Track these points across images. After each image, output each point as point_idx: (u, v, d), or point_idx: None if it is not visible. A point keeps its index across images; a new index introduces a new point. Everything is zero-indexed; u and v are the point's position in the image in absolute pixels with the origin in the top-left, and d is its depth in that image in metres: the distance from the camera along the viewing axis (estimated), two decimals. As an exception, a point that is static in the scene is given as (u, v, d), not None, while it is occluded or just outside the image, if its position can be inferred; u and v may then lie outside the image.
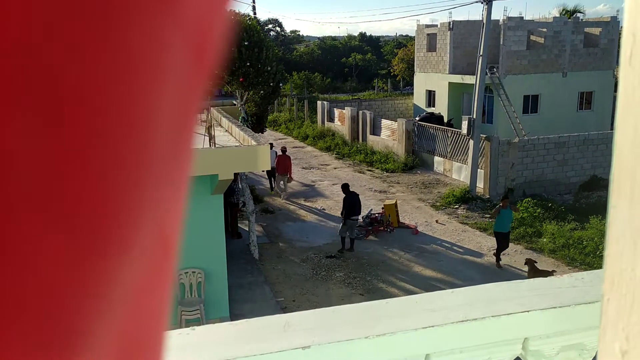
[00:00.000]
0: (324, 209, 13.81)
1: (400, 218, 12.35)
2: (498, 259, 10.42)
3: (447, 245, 11.42)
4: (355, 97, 30.26)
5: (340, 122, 22.61)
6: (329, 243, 11.25)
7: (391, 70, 37.78)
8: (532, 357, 1.20)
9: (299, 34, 59.01)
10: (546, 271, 9.14)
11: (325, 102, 24.87)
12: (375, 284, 9.61)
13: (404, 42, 46.13)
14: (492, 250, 11.15)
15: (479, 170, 14.61)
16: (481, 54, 14.25)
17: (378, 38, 56.60)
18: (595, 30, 21.32)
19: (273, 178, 15.00)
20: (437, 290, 1.29)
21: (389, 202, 12.47)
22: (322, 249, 11.07)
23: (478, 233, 12.04)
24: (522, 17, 20.37)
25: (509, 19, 19.77)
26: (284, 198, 14.57)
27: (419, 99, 24.18)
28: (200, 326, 1.07)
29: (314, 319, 1.09)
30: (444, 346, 1.11)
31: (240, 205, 11.87)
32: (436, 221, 12.76)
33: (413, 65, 25.44)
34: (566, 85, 20.62)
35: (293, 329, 1.04)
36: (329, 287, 9.46)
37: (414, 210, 13.54)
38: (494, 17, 15.71)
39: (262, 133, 14.32)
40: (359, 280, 9.74)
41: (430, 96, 23.41)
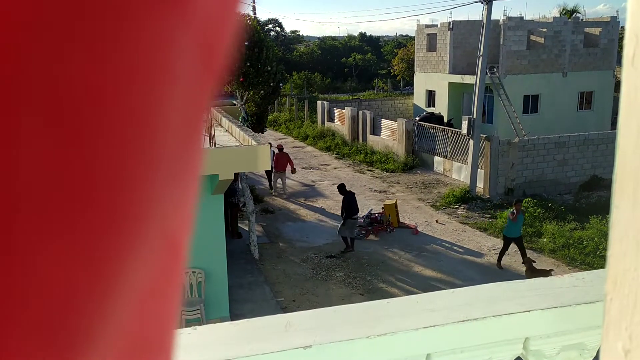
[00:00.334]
0: (323, 208, 13.82)
1: (400, 218, 12.35)
2: (500, 259, 10.40)
3: (447, 245, 11.42)
4: (355, 97, 30.26)
5: (340, 122, 22.61)
6: (329, 243, 11.25)
7: (391, 70, 37.78)
8: (533, 357, 1.20)
9: (299, 34, 59.02)
10: (544, 270, 9.14)
11: (325, 102, 24.87)
12: (376, 284, 9.61)
13: (404, 42, 46.14)
14: (492, 250, 11.15)
15: (479, 170, 14.61)
16: (481, 53, 14.25)
17: (378, 38, 56.62)
18: (595, 30, 21.32)
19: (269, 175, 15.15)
20: (438, 290, 1.29)
21: (389, 202, 12.47)
22: (322, 249, 11.07)
23: (478, 233, 12.04)
24: (522, 17, 20.37)
25: (509, 18, 19.77)
26: (285, 196, 14.64)
27: (419, 99, 24.18)
28: (201, 326, 1.07)
29: (315, 318, 1.09)
30: (445, 346, 1.11)
31: (240, 205, 11.87)
32: (436, 221, 12.76)
33: (413, 65, 25.44)
34: (566, 85, 20.62)
35: (294, 329, 1.04)
36: (329, 287, 9.46)
37: (414, 210, 13.54)
38: (494, 17, 15.71)
39: (262, 133, 14.32)
40: (359, 280, 9.74)
41: (430, 96, 23.41)
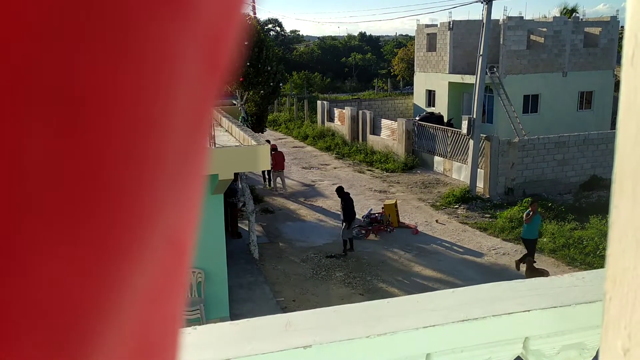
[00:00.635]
0: (323, 208, 13.83)
1: (400, 218, 12.35)
2: (519, 263, 10.12)
3: (447, 245, 11.42)
4: (355, 97, 30.26)
5: (340, 122, 22.61)
6: (329, 243, 11.25)
7: (391, 70, 37.79)
8: (533, 357, 1.20)
9: (298, 34, 59.01)
10: (543, 270, 9.13)
11: (325, 102, 24.87)
12: (375, 284, 9.61)
13: (403, 42, 46.15)
14: (492, 250, 11.15)
15: (479, 170, 14.61)
16: (481, 53, 14.25)
17: (378, 38, 56.62)
18: (595, 30, 21.32)
19: (267, 174, 15.32)
20: (437, 290, 1.29)
21: (389, 202, 12.47)
22: (322, 248, 11.07)
23: (478, 233, 12.05)
24: (522, 17, 20.37)
25: (509, 18, 19.77)
26: (285, 194, 14.76)
27: (419, 98, 24.18)
28: (201, 326, 1.07)
29: (314, 318, 1.09)
30: (445, 345, 1.11)
31: (240, 205, 11.87)
32: (436, 221, 12.77)
33: (413, 65, 25.45)
34: (566, 85, 20.62)
35: (294, 329, 1.05)
36: (329, 287, 9.46)
37: (413, 210, 13.54)
38: (493, 17, 15.71)
39: (262, 133, 14.33)
40: (359, 280, 9.74)
41: (430, 96, 23.41)
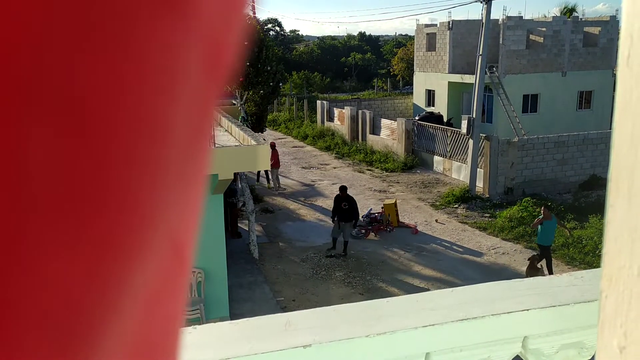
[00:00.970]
0: (323, 208, 13.83)
1: (399, 217, 12.36)
2: (550, 272, 10.03)
3: (447, 244, 11.43)
4: (354, 97, 30.27)
5: (340, 122, 22.61)
6: (329, 242, 11.25)
7: (391, 69, 37.79)
8: (532, 356, 1.20)
9: (298, 34, 58.99)
10: (540, 270, 9.11)
11: (324, 102, 24.87)
12: (375, 284, 9.62)
13: (403, 42, 46.16)
14: (492, 249, 11.15)
15: (478, 169, 14.62)
16: (480, 53, 14.25)
17: (377, 37, 56.61)
18: (595, 30, 21.33)
19: (262, 172, 15.62)
20: (437, 289, 1.29)
21: (389, 202, 12.48)
22: (322, 248, 11.07)
23: (478, 232, 12.05)
24: (522, 17, 20.37)
25: (508, 18, 19.77)
26: (279, 191, 14.98)
27: (419, 98, 24.19)
28: (201, 325, 1.08)
29: (314, 318, 1.09)
30: (444, 345, 1.12)
31: (240, 205, 11.87)
32: (436, 220, 12.77)
33: (412, 64, 25.45)
34: (565, 84, 20.63)
35: (294, 328, 1.05)
36: (329, 287, 9.47)
37: (413, 210, 13.54)
38: (493, 17, 15.71)
39: (262, 132, 14.35)
40: (359, 280, 9.74)
41: (430, 95, 23.41)
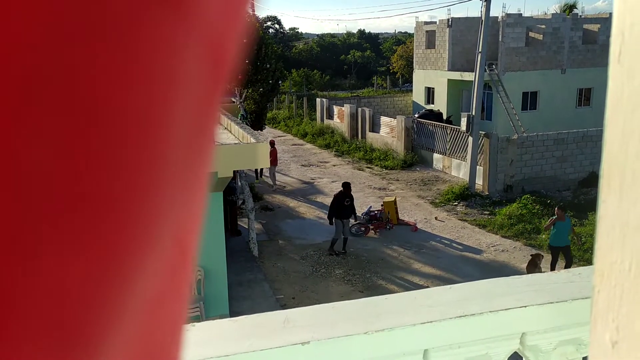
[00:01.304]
0: (323, 205, 13.84)
1: (399, 215, 12.37)
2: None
3: (447, 242, 11.44)
4: (354, 94, 30.25)
5: (340, 120, 22.60)
6: (329, 240, 11.26)
7: (390, 67, 37.75)
8: (530, 352, 1.21)
9: (297, 31, 58.88)
10: (539, 267, 9.11)
11: (324, 100, 24.85)
12: (375, 281, 9.63)
13: (402, 39, 46.09)
14: (492, 247, 11.17)
15: (478, 167, 14.62)
16: (480, 50, 14.24)
17: (377, 35, 56.52)
18: (594, 27, 21.31)
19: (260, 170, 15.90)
20: (436, 287, 1.29)
21: (388, 199, 12.48)
22: (322, 246, 11.08)
23: (477, 230, 12.06)
24: (521, 14, 20.35)
25: (508, 15, 19.75)
26: (275, 188, 15.22)
27: (418, 96, 24.17)
28: (200, 322, 1.08)
29: (313, 315, 1.10)
30: (442, 341, 1.12)
31: (239, 203, 11.88)
32: (435, 218, 12.78)
33: (412, 62, 25.43)
34: (565, 82, 20.62)
35: (292, 325, 1.05)
36: (329, 285, 9.48)
37: (413, 207, 13.55)
38: (492, 14, 15.69)
39: (261, 130, 14.36)
40: (359, 278, 9.76)
41: (430, 93, 23.40)
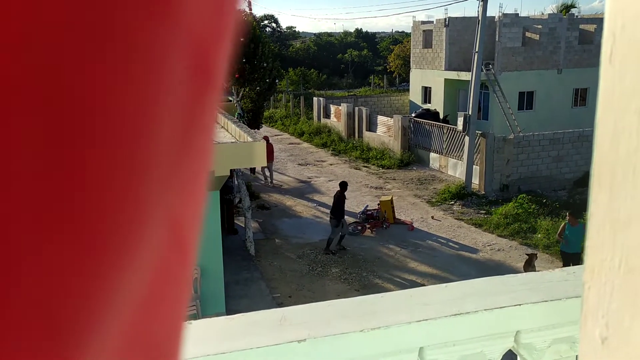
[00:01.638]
0: (320, 204, 13.85)
1: (396, 214, 12.38)
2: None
3: (443, 241, 11.47)
4: (351, 94, 30.25)
5: (336, 119, 22.60)
6: (325, 239, 11.26)
7: (387, 66, 37.76)
8: (524, 350, 1.22)
9: (294, 30, 58.82)
10: (532, 268, 9.14)
11: (321, 99, 24.84)
12: (371, 280, 9.64)
13: (400, 39, 46.09)
14: (488, 246, 11.20)
15: (474, 166, 14.66)
16: (477, 50, 14.27)
17: (374, 34, 56.51)
18: (590, 27, 21.38)
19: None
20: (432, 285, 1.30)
21: (385, 198, 12.50)
22: (318, 245, 11.09)
23: (473, 229, 12.10)
24: (518, 14, 20.40)
25: (505, 15, 19.79)
26: (270, 185, 15.34)
27: (415, 95, 24.20)
28: (197, 320, 1.08)
29: (309, 312, 1.10)
30: (438, 339, 1.13)
31: (236, 202, 11.87)
32: (432, 217, 12.81)
33: (409, 61, 25.45)
34: (561, 82, 20.68)
35: (289, 323, 1.06)
36: (325, 283, 9.49)
37: (409, 207, 13.57)
38: (489, 14, 15.71)
39: (258, 129, 14.35)
40: (355, 276, 9.77)
41: (426, 92, 23.43)
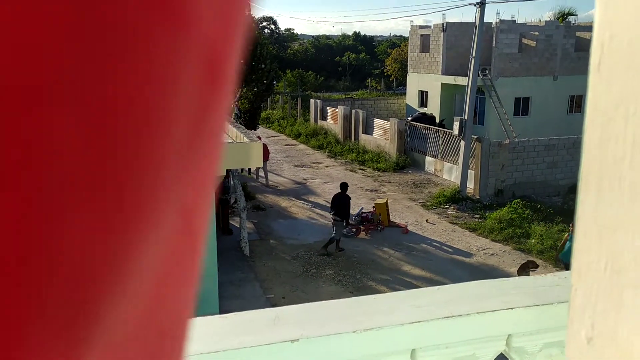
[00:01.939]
0: (315, 206, 13.85)
1: (390, 217, 12.40)
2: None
3: (437, 244, 11.49)
4: (348, 96, 30.27)
5: (333, 121, 22.63)
6: (320, 241, 11.26)
7: (384, 70, 37.84)
8: (515, 354, 1.22)
9: (293, 32, 58.86)
10: (526, 273, 9.16)
11: (318, 101, 24.86)
12: (365, 282, 9.65)
13: (397, 43, 46.20)
14: (481, 250, 11.23)
15: (469, 171, 14.70)
16: (473, 55, 14.33)
17: (372, 38, 56.64)
18: (587, 35, 21.51)
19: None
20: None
21: (380, 201, 12.52)
22: (313, 246, 11.08)
23: (467, 233, 12.13)
24: (515, 20, 20.52)
25: (502, 21, 19.90)
26: (264, 183, 15.44)
27: (412, 99, 24.26)
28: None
29: (302, 313, 1.11)
30: (430, 341, 1.14)
31: (232, 202, 11.86)
32: (426, 221, 12.84)
33: (406, 65, 25.52)
34: (557, 88, 20.80)
35: (282, 323, 1.06)
36: (319, 285, 9.49)
37: (404, 210, 13.60)
38: (486, 20, 15.80)
39: (255, 130, 14.35)
40: (349, 278, 9.77)
41: (423, 96, 23.50)
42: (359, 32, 54.88)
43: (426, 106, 22.84)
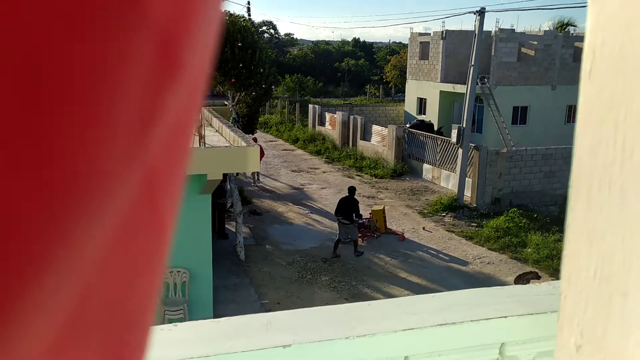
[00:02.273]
0: (312, 211, 13.83)
1: (387, 224, 12.40)
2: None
3: (433, 252, 11.49)
4: (346, 102, 30.36)
5: (331, 127, 22.66)
6: (316, 247, 11.25)
7: (383, 76, 37.98)
8: (508, 362, 1.22)
9: (292, 37, 59.04)
10: (523, 282, 9.16)
11: (316, 106, 24.91)
12: (361, 289, 9.63)
13: (396, 49, 46.39)
14: (478, 259, 11.23)
15: (467, 179, 14.73)
16: (472, 64, 14.40)
17: (371, 44, 56.85)
18: (585, 45, 21.66)
19: None
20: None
21: (377, 208, 12.52)
22: (309, 252, 11.06)
23: (464, 241, 12.13)
24: (514, 30, 20.64)
25: (501, 30, 20.02)
26: (258, 184, 15.80)
27: (410, 106, 24.34)
28: (182, 322, 1.08)
29: (295, 318, 1.10)
30: (423, 349, 1.13)
31: (228, 206, 11.84)
32: (423, 228, 12.84)
33: (405, 72, 25.62)
34: (555, 98, 20.90)
35: (275, 328, 1.06)
36: (314, 291, 9.46)
37: (401, 217, 13.60)
38: (486, 28, 15.88)
39: (253, 134, 14.34)
40: (344, 285, 9.75)
41: (422, 104, 23.57)
42: (359, 38, 55.11)
43: (424, 113, 22.90)
